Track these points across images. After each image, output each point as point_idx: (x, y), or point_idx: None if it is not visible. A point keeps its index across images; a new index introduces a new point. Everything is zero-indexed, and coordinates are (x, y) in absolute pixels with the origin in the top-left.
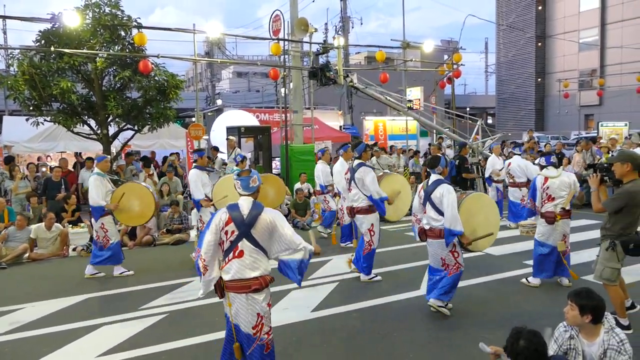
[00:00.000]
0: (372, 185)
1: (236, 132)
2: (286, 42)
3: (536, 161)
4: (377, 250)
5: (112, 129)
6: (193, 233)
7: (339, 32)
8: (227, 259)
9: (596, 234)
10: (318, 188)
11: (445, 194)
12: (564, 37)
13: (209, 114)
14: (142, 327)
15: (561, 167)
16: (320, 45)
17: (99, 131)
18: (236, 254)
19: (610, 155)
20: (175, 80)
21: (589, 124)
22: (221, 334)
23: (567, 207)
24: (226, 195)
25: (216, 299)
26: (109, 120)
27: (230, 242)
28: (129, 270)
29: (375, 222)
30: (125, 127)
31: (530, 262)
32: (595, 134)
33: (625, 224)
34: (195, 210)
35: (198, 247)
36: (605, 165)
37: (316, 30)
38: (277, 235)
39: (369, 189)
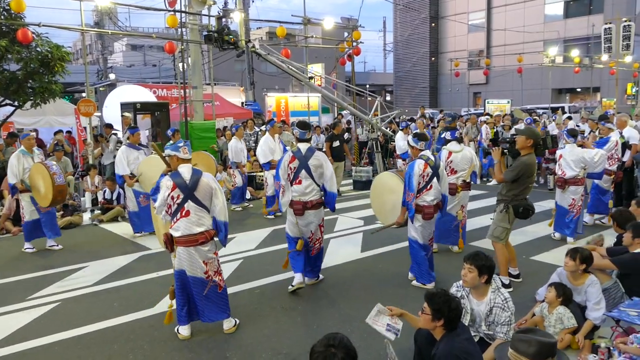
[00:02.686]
0: (334, 177)
1: (131, 109)
2: (183, 14)
3: (442, 135)
4: (276, 228)
5: None
6: (86, 216)
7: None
8: (175, 219)
9: (486, 202)
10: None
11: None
12: (455, 19)
13: (101, 89)
14: (31, 318)
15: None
16: (221, 9)
17: None
18: (183, 214)
19: (495, 129)
20: (60, 52)
21: (477, 101)
22: (117, 320)
23: (467, 180)
24: (141, 173)
25: (110, 284)
26: None
27: (177, 205)
28: (33, 248)
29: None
30: (4, 103)
31: None
32: (482, 111)
33: (518, 191)
34: (88, 194)
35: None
36: (508, 139)
37: (215, 2)
38: (214, 200)
39: (328, 181)
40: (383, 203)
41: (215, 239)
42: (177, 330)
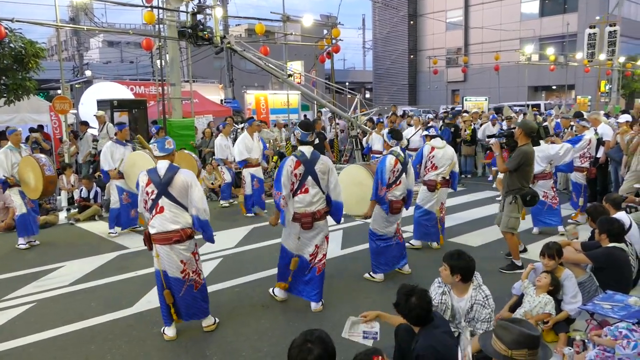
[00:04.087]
0: (339, 184)
1: (108, 106)
2: (161, 11)
3: (424, 132)
4: (256, 226)
5: None
6: (62, 215)
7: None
8: (151, 215)
9: (465, 199)
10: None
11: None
12: (433, 17)
13: (77, 86)
14: (5, 319)
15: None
16: (196, 5)
17: None
18: (158, 210)
19: (472, 127)
20: (34, 48)
21: (456, 99)
22: (95, 321)
23: (447, 177)
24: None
25: (87, 284)
26: None
27: (152, 201)
28: (26, 244)
29: None
30: None
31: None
32: (461, 108)
33: (522, 180)
34: (63, 192)
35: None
36: (505, 133)
37: None
38: (189, 193)
39: (334, 189)
40: (349, 195)
41: (198, 237)
42: (163, 331)
